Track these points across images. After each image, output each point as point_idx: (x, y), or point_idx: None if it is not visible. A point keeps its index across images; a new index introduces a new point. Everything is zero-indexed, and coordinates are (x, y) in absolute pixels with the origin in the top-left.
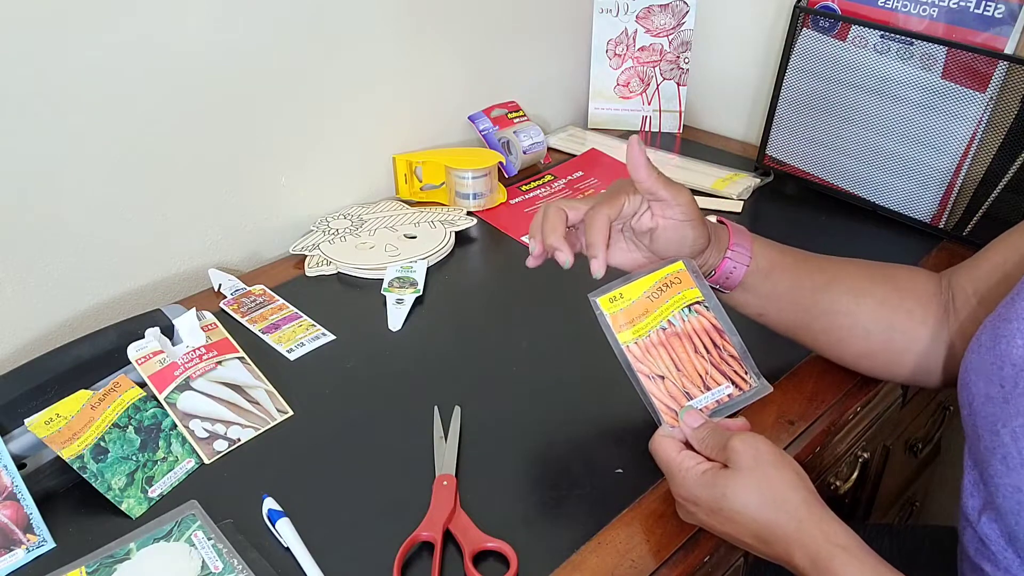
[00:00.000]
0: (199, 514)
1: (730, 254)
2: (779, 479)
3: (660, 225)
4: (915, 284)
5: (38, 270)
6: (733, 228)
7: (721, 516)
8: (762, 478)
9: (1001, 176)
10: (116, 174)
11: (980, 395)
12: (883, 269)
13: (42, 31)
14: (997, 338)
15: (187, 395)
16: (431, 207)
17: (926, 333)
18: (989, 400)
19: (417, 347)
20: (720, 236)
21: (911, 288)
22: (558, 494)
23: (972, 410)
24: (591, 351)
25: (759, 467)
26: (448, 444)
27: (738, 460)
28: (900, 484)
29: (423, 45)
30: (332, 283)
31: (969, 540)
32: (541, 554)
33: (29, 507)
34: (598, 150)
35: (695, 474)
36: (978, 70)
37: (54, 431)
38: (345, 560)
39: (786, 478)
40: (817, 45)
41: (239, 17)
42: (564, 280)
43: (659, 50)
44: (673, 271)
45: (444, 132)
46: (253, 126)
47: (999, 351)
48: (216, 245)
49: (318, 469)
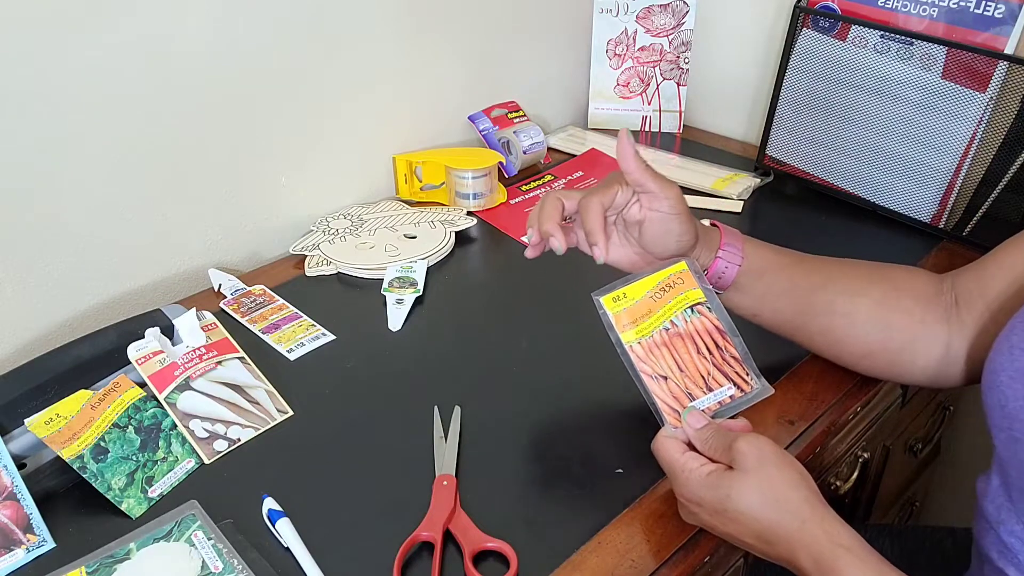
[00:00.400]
0: (199, 514)
1: (721, 254)
2: (782, 479)
3: (647, 217)
4: (914, 284)
5: (38, 270)
6: (725, 229)
7: (725, 517)
8: (765, 479)
9: (1001, 176)
10: (116, 174)
11: (1018, 397)
12: (880, 269)
13: (42, 31)
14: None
15: (187, 395)
16: (431, 207)
17: (925, 332)
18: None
19: (417, 347)
20: (711, 237)
21: (909, 288)
22: (558, 494)
23: (1006, 412)
24: (591, 351)
25: (763, 468)
26: (448, 444)
27: (742, 462)
28: (900, 484)
29: (423, 45)
30: (332, 283)
31: (991, 544)
32: (541, 554)
33: (29, 507)
34: (598, 150)
35: (699, 475)
36: (978, 70)
37: (54, 431)
38: (345, 560)
39: (789, 478)
40: (817, 45)
41: (239, 17)
42: (564, 280)
43: (659, 50)
44: (676, 271)
45: (444, 132)
46: (253, 126)
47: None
48: (216, 245)
49: (318, 469)
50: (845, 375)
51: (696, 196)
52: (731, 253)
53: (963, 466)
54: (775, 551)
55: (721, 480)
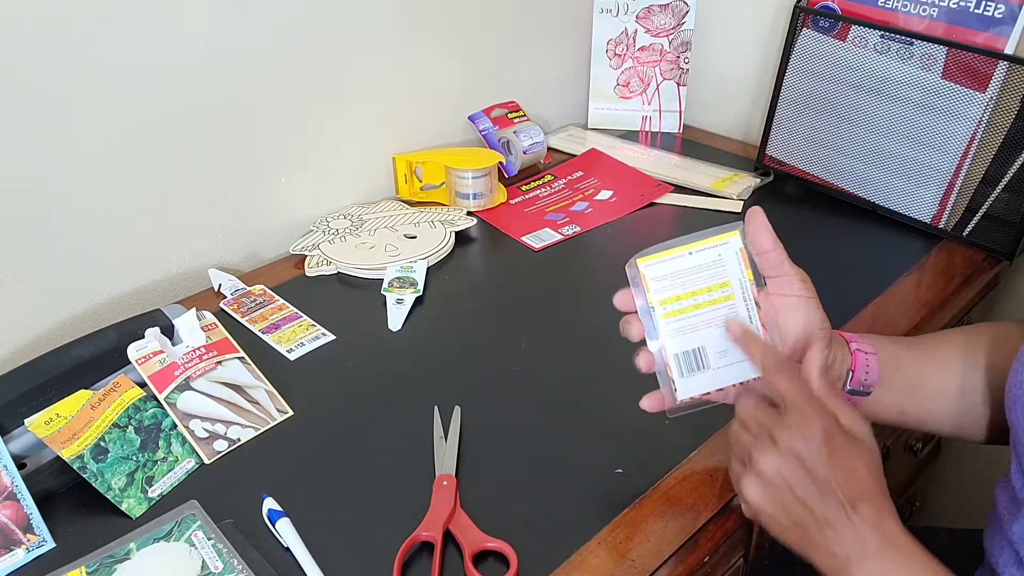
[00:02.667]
0: (199, 514)
1: (854, 346)
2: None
3: (778, 306)
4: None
5: (38, 270)
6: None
7: (843, 439)
8: (879, 462)
9: (1001, 176)
10: (116, 174)
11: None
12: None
13: (42, 31)
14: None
15: (187, 395)
16: (431, 207)
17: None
18: None
19: (417, 347)
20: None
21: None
22: (558, 494)
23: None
24: (591, 351)
25: (876, 449)
26: (448, 444)
27: (862, 431)
28: (900, 484)
29: (423, 45)
30: (332, 283)
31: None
32: (541, 554)
33: (29, 507)
34: (598, 150)
35: (830, 416)
36: (978, 70)
37: (54, 431)
38: (345, 560)
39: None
40: (817, 45)
41: (239, 17)
42: (564, 280)
43: (659, 50)
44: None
45: (444, 132)
46: (253, 126)
47: None
48: (216, 245)
49: (318, 469)
50: None
51: (696, 196)
52: (861, 343)
53: (964, 466)
54: (870, 502)
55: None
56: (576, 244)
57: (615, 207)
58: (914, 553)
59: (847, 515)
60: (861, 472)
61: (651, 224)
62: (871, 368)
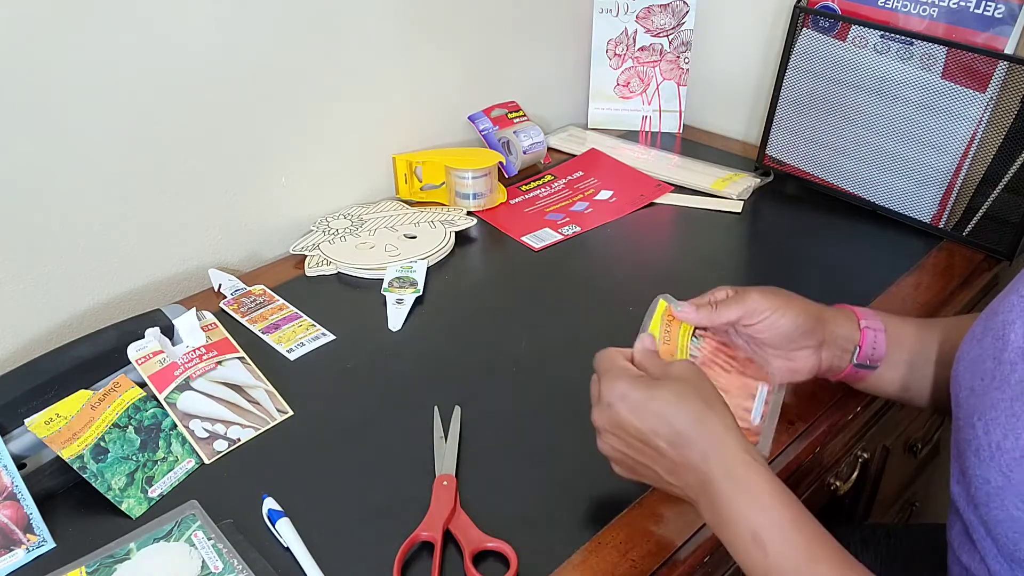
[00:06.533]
0: (199, 514)
1: (864, 323)
2: (710, 391)
3: (755, 332)
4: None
5: (38, 270)
6: (844, 306)
7: (645, 412)
8: (696, 386)
9: (1001, 176)
10: (116, 174)
11: (965, 388)
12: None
13: (43, 31)
14: (985, 331)
15: (187, 395)
16: (431, 207)
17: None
18: (972, 393)
19: (417, 347)
20: (836, 313)
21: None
22: (558, 494)
23: (958, 402)
24: (591, 350)
25: (696, 378)
26: (448, 444)
27: (676, 371)
28: (900, 484)
29: (423, 45)
30: (332, 283)
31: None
32: (541, 554)
33: (29, 507)
34: (598, 150)
35: (631, 374)
36: (978, 70)
37: (54, 431)
38: (345, 560)
39: (716, 395)
40: (817, 45)
41: (240, 17)
42: (564, 280)
43: (659, 50)
44: (662, 312)
45: (444, 132)
46: (253, 126)
47: (985, 344)
48: (216, 245)
49: (318, 469)
50: None
51: (696, 196)
52: (871, 319)
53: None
54: (685, 456)
55: (651, 381)
56: (576, 244)
57: (615, 207)
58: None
59: (676, 459)
60: (668, 414)
61: (651, 224)
62: (879, 344)
